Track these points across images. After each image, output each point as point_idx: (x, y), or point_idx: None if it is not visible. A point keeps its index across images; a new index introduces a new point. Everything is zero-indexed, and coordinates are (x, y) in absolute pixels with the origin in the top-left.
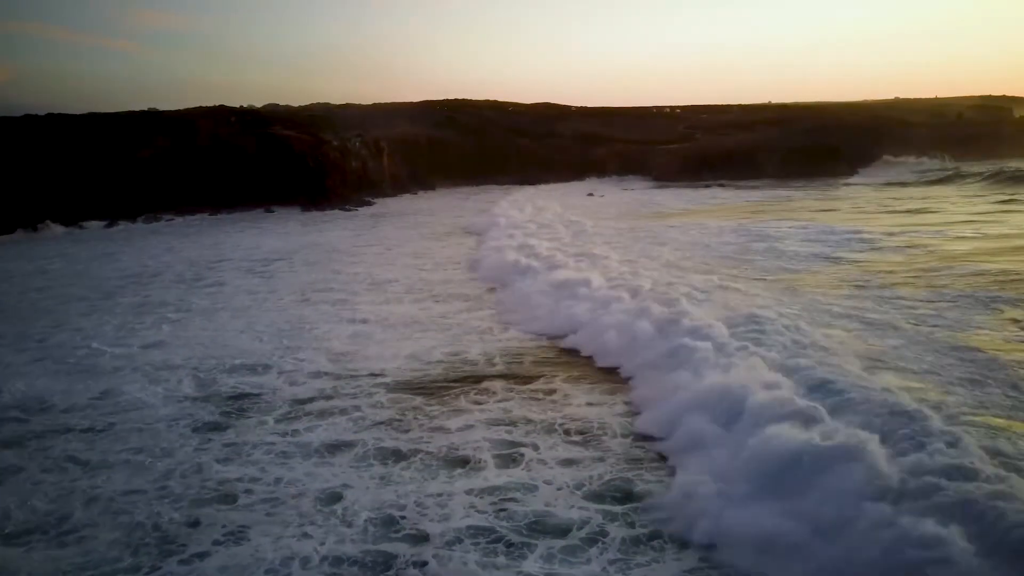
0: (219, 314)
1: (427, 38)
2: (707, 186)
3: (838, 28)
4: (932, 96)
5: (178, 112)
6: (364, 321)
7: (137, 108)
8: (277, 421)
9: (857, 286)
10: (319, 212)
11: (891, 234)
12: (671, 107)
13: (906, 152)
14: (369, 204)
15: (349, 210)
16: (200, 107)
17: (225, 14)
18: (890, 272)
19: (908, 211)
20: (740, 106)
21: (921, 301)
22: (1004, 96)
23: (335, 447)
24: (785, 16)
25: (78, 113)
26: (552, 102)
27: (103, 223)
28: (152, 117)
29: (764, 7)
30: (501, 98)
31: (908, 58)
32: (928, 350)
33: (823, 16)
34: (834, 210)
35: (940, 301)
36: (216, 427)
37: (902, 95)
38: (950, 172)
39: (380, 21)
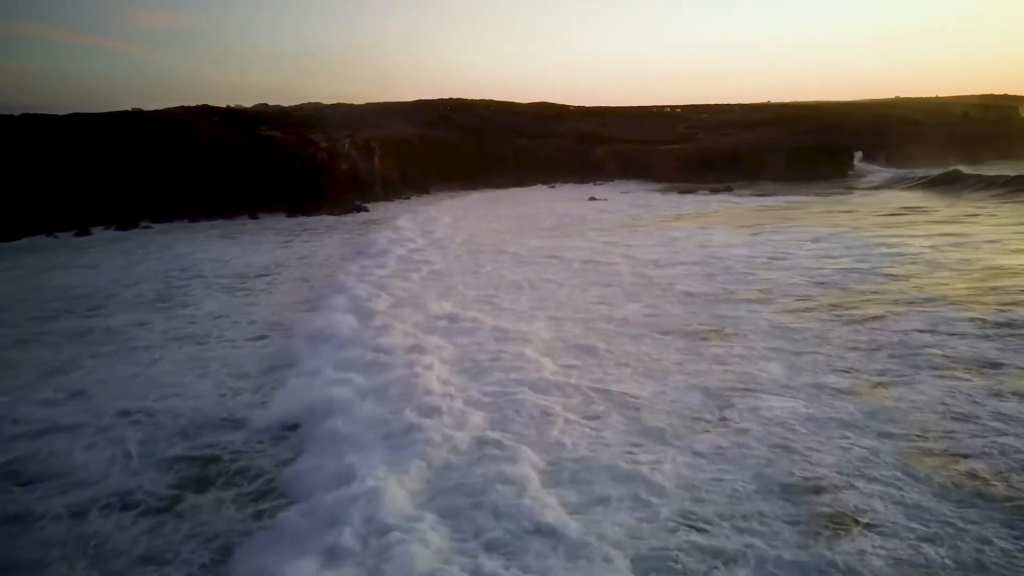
0: (180, 346)
1: (422, 37)
2: (713, 189)
3: (836, 27)
4: (933, 95)
5: (159, 112)
6: (360, 352)
7: (133, 108)
8: (239, 501)
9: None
10: (306, 217)
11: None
12: (671, 106)
13: (918, 151)
14: (361, 210)
15: (339, 215)
16: (182, 106)
17: (222, 14)
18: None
19: (943, 220)
20: (741, 105)
21: None
22: (1005, 95)
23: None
24: (782, 15)
25: (59, 113)
26: (550, 101)
27: (74, 232)
28: (133, 117)
29: (761, 7)
30: (498, 97)
31: (907, 57)
32: None
33: (821, 15)
34: (859, 217)
35: None
36: (164, 510)
37: (902, 94)
38: (971, 174)
39: (375, 20)
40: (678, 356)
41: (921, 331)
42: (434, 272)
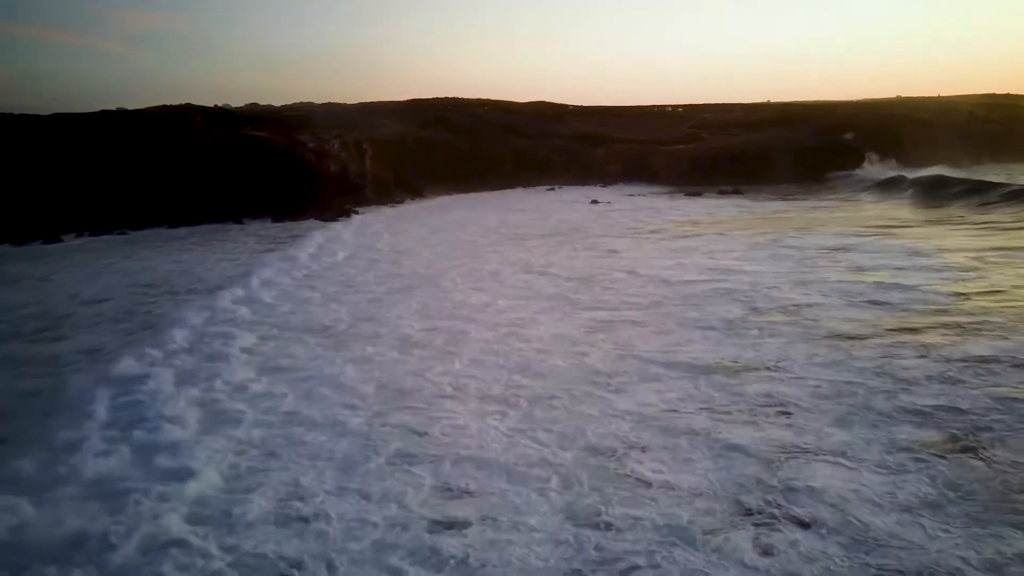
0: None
1: (417, 34)
2: (721, 192)
3: (834, 27)
4: (934, 95)
5: (139, 112)
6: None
7: (118, 108)
8: None
9: None
10: (293, 223)
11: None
12: (672, 106)
13: (932, 152)
14: (351, 214)
15: (327, 221)
16: (164, 105)
17: (214, 14)
18: None
19: (979, 227)
20: (742, 105)
21: None
22: (1008, 94)
23: None
24: (780, 15)
25: (42, 114)
26: (548, 101)
27: (41, 240)
28: (112, 118)
29: (758, 6)
30: (495, 96)
31: (905, 57)
32: None
33: (819, 15)
34: (882, 222)
35: None
36: None
37: (903, 93)
38: (999, 183)
39: (369, 18)
40: (703, 417)
41: (1006, 363)
42: (402, 288)
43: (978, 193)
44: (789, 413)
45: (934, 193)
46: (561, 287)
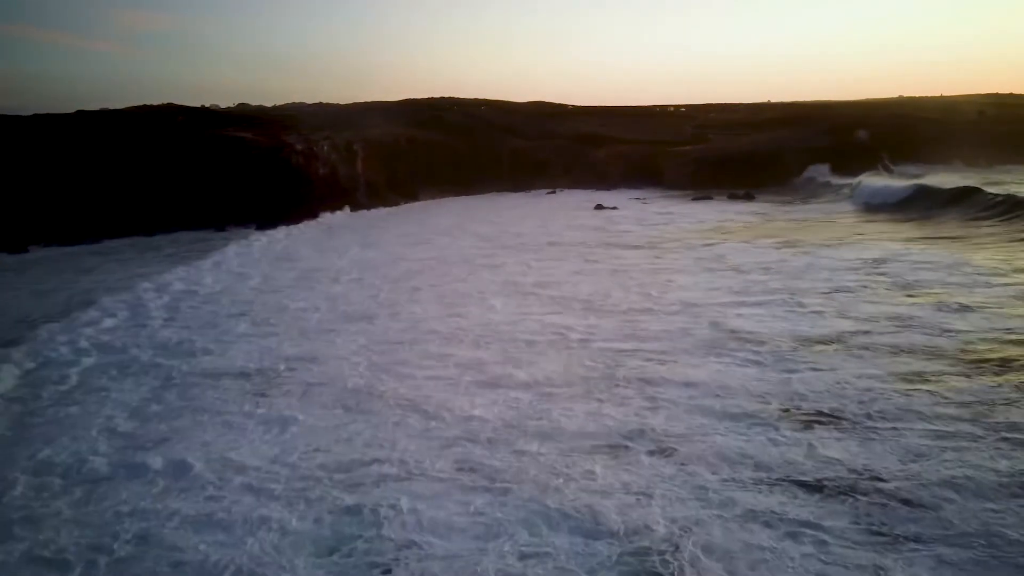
0: (61, 418)
1: (412, 32)
2: (732, 196)
3: (833, 27)
4: (938, 95)
5: (117, 112)
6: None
7: (101, 108)
8: None
9: None
10: (276, 230)
11: None
12: (675, 106)
13: (949, 152)
14: (320, 215)
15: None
16: (144, 105)
17: (208, 14)
18: None
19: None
20: (745, 104)
21: None
22: (1012, 94)
23: None
24: (779, 15)
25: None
26: (547, 100)
27: (7, 251)
28: (90, 118)
29: (757, 6)
30: (492, 96)
31: (907, 56)
32: None
33: (817, 15)
34: (912, 230)
35: None
36: None
37: (905, 93)
38: None
39: (363, 16)
40: (774, 492)
41: None
42: (363, 315)
43: (1010, 200)
44: (884, 489)
45: (961, 199)
46: (569, 310)
